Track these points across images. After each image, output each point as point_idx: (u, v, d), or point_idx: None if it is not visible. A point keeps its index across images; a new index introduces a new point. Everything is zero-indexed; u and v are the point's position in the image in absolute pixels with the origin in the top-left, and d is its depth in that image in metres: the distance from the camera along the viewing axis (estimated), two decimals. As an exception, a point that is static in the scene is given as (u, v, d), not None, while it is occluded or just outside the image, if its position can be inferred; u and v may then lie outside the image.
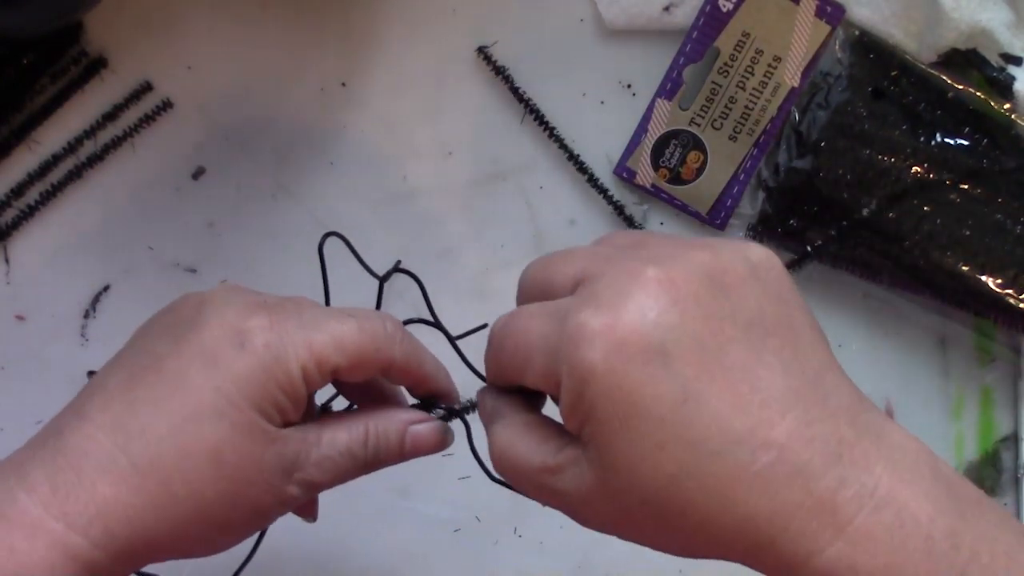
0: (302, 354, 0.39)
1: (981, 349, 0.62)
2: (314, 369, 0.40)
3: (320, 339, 0.40)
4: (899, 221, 0.59)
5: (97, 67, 0.59)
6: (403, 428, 0.42)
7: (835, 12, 0.60)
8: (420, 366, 0.43)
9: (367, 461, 0.42)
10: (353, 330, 0.41)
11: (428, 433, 0.43)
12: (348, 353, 0.40)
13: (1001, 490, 0.63)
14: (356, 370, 0.41)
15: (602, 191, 0.61)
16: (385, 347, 0.41)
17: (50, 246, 0.59)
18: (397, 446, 0.42)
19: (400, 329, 0.43)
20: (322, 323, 0.41)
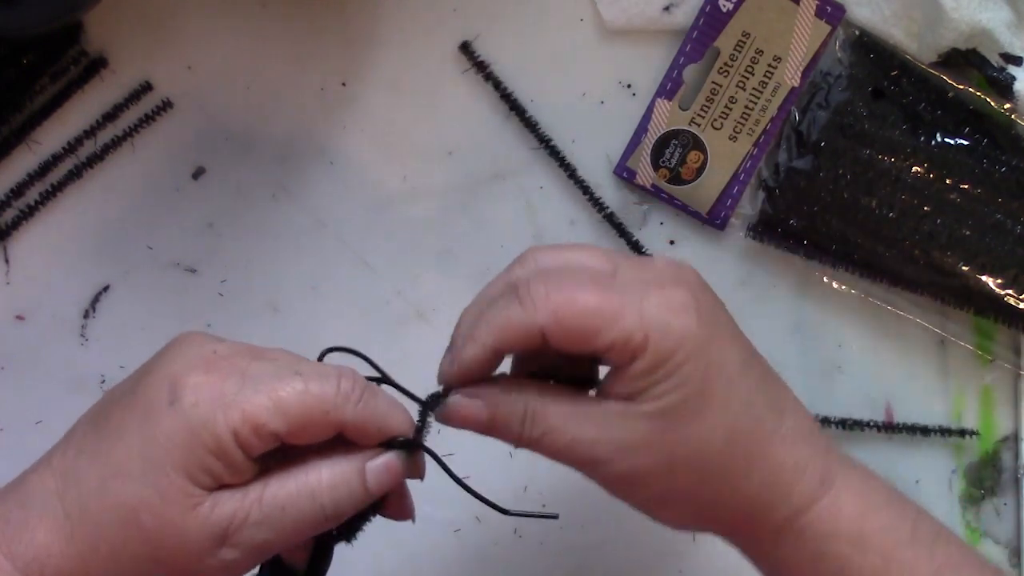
0: (233, 418, 0.37)
1: (981, 349, 0.62)
2: (249, 434, 0.38)
3: (256, 402, 0.38)
4: (899, 221, 0.59)
5: (97, 67, 0.59)
6: (359, 468, 0.40)
7: (835, 12, 0.60)
8: (380, 429, 0.40)
9: (328, 512, 0.39)
10: (297, 392, 0.38)
11: (387, 467, 0.40)
12: (290, 417, 0.38)
13: (1001, 490, 0.63)
14: (300, 435, 0.39)
15: (594, 199, 0.61)
16: (335, 410, 0.39)
17: (50, 246, 0.59)
18: (361, 490, 0.40)
19: (357, 387, 0.40)
20: (264, 384, 0.38)
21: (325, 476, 0.39)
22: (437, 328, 0.61)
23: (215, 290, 0.60)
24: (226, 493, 0.38)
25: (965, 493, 0.63)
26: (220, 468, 0.38)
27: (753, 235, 0.61)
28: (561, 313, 0.39)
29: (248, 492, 0.39)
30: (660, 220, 0.62)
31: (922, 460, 0.63)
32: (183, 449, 0.37)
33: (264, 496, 0.39)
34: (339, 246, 0.61)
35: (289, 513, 0.39)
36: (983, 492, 0.63)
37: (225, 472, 0.38)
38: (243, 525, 0.38)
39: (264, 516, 0.38)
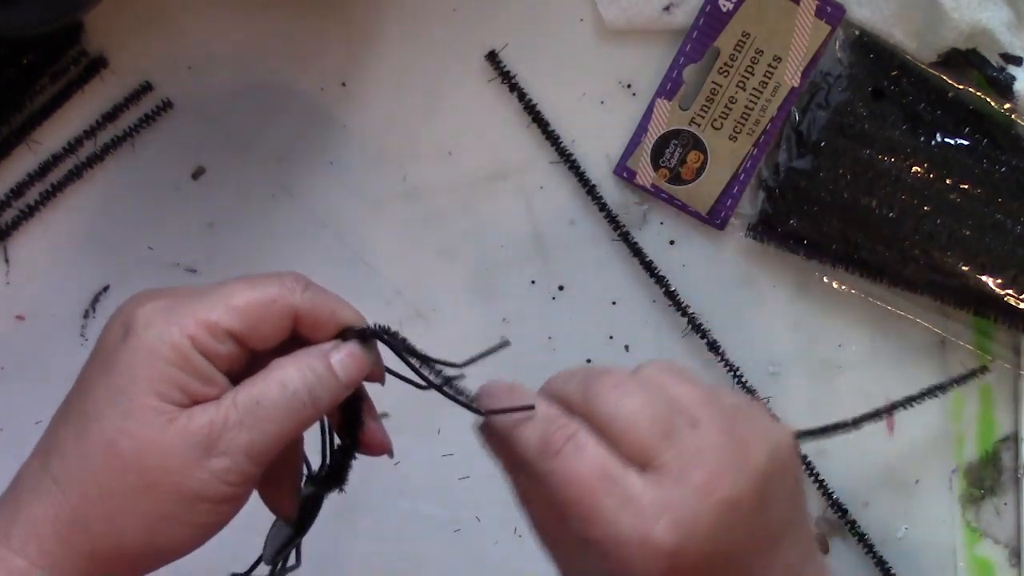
0: (187, 324, 0.38)
1: (981, 349, 0.62)
2: (205, 336, 0.38)
3: (205, 306, 0.39)
4: (899, 221, 0.59)
5: (97, 67, 0.59)
6: (323, 356, 0.41)
7: (835, 12, 0.60)
8: (332, 313, 0.41)
9: (305, 401, 0.39)
10: (242, 288, 0.40)
11: (351, 356, 0.41)
12: (240, 312, 0.39)
13: (1001, 490, 0.63)
14: (256, 329, 0.39)
15: (597, 199, 0.61)
16: (282, 298, 0.40)
17: (50, 246, 0.59)
18: (330, 376, 0.40)
19: (301, 281, 0.41)
20: (213, 292, 0.40)
21: (290, 366, 0.40)
22: (437, 328, 0.61)
23: (215, 290, 0.60)
24: (201, 406, 0.39)
25: (965, 493, 0.63)
26: (186, 379, 0.38)
27: (753, 235, 0.61)
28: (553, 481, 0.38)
29: (222, 400, 0.39)
30: (660, 220, 0.62)
31: (922, 460, 0.63)
32: (145, 369, 0.38)
33: (237, 397, 0.39)
34: (339, 246, 0.61)
35: (265, 407, 0.39)
36: (983, 492, 0.63)
37: (193, 382, 0.38)
38: (224, 429, 0.38)
39: (242, 415, 0.38)
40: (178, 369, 0.38)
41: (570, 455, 0.38)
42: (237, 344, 0.39)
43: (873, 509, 0.63)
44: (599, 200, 0.61)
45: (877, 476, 0.63)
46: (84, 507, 0.38)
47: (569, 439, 0.38)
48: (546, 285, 0.62)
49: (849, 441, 0.63)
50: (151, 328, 0.38)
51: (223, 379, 0.39)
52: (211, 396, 0.39)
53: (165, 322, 0.38)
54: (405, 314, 0.61)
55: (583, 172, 0.61)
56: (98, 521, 0.38)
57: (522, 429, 0.40)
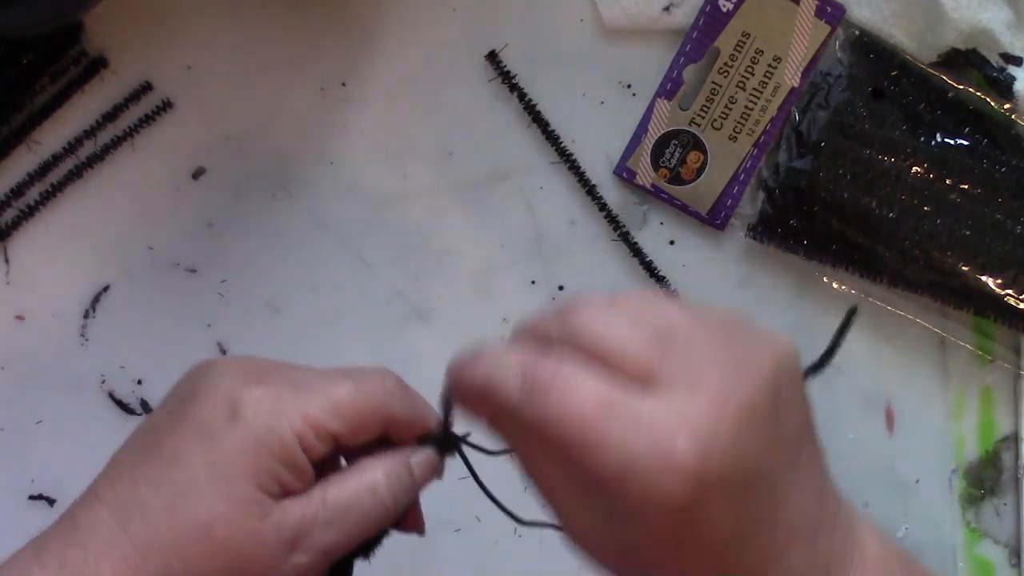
0: (297, 422, 0.38)
1: (981, 349, 0.62)
2: (311, 436, 0.39)
3: (315, 405, 0.39)
4: (899, 221, 0.59)
5: (97, 67, 0.59)
6: (406, 462, 0.41)
7: (835, 12, 0.60)
8: (421, 422, 0.42)
9: (387, 505, 0.40)
10: (350, 393, 0.40)
11: (428, 462, 0.42)
12: (346, 418, 0.39)
13: (1001, 490, 0.63)
14: (356, 434, 0.40)
15: (597, 199, 0.61)
16: (384, 408, 0.40)
17: (50, 246, 0.59)
18: (409, 481, 0.41)
19: (399, 385, 0.42)
20: (317, 387, 0.40)
21: (381, 472, 0.40)
22: (437, 328, 0.61)
23: (215, 290, 0.60)
24: (291, 500, 0.39)
25: (965, 493, 0.63)
26: (287, 474, 0.39)
27: (753, 235, 0.61)
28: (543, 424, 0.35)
29: (311, 496, 0.39)
30: (660, 220, 0.62)
31: (922, 460, 0.63)
32: (252, 458, 0.38)
33: (327, 498, 0.39)
34: (339, 246, 0.61)
35: (353, 511, 0.40)
36: (983, 492, 0.63)
37: (291, 478, 0.39)
38: (311, 528, 0.39)
39: (330, 517, 0.39)
40: (281, 464, 0.38)
41: (559, 390, 0.34)
42: (335, 443, 0.40)
43: (873, 509, 0.63)
44: (599, 200, 0.61)
45: (877, 476, 0.63)
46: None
47: (554, 374, 0.35)
48: (546, 285, 0.62)
49: (849, 441, 0.63)
50: (260, 418, 0.38)
51: (311, 472, 0.40)
52: (300, 489, 0.39)
53: (274, 413, 0.38)
54: (405, 314, 0.61)
55: (583, 172, 0.61)
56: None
57: (498, 380, 0.36)
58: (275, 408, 0.39)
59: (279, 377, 0.40)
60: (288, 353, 0.45)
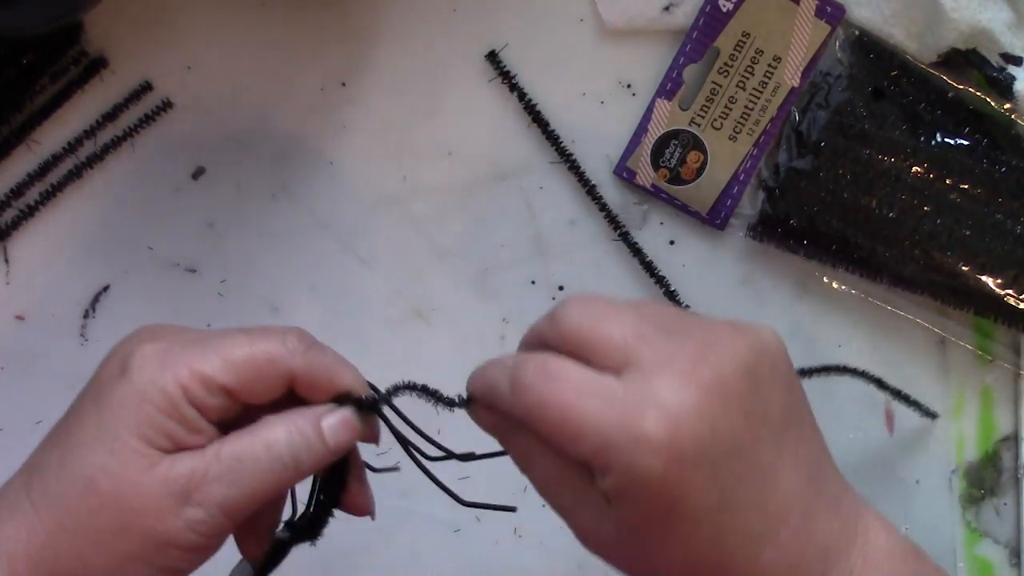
0: (181, 374, 0.38)
1: (981, 349, 0.62)
2: (198, 388, 0.38)
3: (203, 358, 0.39)
4: (899, 221, 0.59)
5: (97, 67, 0.59)
6: (314, 421, 0.40)
7: (835, 12, 0.60)
8: (329, 379, 0.41)
9: (287, 464, 0.39)
10: (242, 344, 0.39)
11: (344, 423, 0.41)
12: (236, 367, 0.39)
13: (1001, 490, 0.63)
14: (251, 386, 0.39)
15: (597, 199, 0.61)
16: (281, 359, 0.40)
17: (50, 246, 0.59)
18: (318, 442, 0.40)
19: (304, 340, 0.41)
20: (212, 343, 0.39)
21: (280, 427, 0.40)
22: (437, 328, 0.61)
23: (215, 290, 0.60)
24: (184, 453, 0.39)
25: (965, 493, 0.63)
26: (174, 427, 0.38)
27: (753, 235, 0.61)
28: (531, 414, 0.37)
29: (206, 451, 0.39)
30: (660, 220, 0.62)
31: (922, 460, 0.63)
32: (134, 411, 0.38)
33: (221, 451, 0.39)
34: (339, 246, 0.61)
35: (247, 465, 0.39)
36: (983, 492, 0.63)
37: (180, 431, 0.38)
38: (203, 481, 0.38)
39: (223, 470, 0.39)
40: (166, 416, 0.38)
41: (541, 382, 0.37)
42: (229, 397, 0.39)
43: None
44: (599, 200, 0.61)
45: (877, 476, 0.63)
46: (56, 536, 0.38)
47: (536, 367, 0.37)
48: (546, 285, 0.62)
49: (849, 441, 0.63)
50: (145, 371, 0.38)
51: (210, 428, 0.39)
52: (197, 445, 0.39)
53: (160, 367, 0.38)
54: (405, 314, 0.61)
55: (583, 172, 0.61)
56: (67, 552, 0.38)
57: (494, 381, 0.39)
58: (161, 361, 0.38)
59: (177, 336, 0.40)
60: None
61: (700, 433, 0.36)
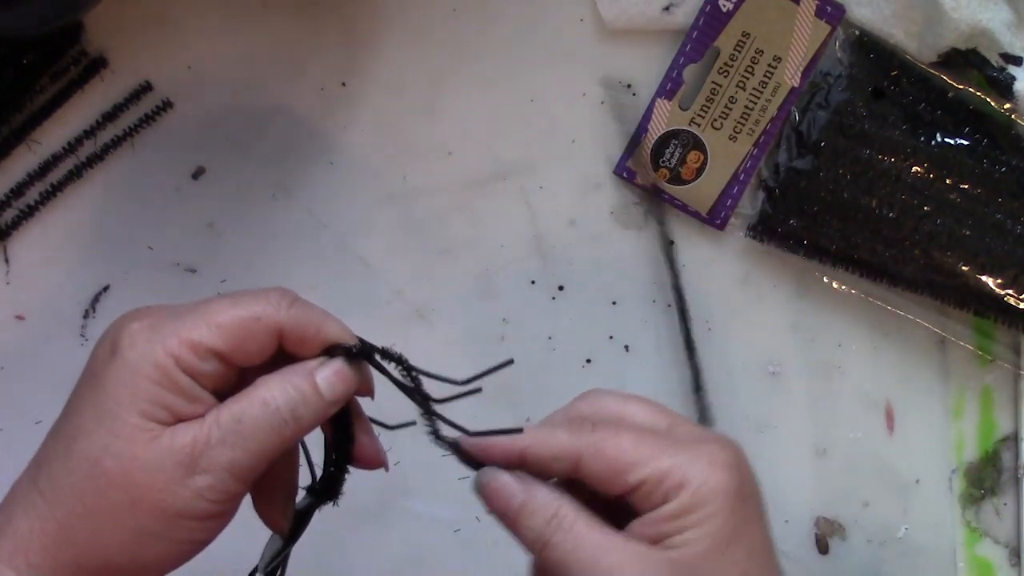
0: (170, 343, 0.38)
1: (981, 349, 0.62)
2: (188, 355, 0.38)
3: (189, 324, 0.39)
4: (899, 221, 0.59)
5: (97, 67, 0.59)
6: (308, 375, 0.40)
7: (835, 12, 0.60)
8: (318, 330, 0.41)
9: (287, 419, 0.40)
10: (227, 308, 0.40)
11: (337, 374, 0.41)
12: (223, 330, 0.39)
13: (1001, 490, 0.63)
14: (241, 346, 0.39)
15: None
16: (266, 315, 0.40)
17: (50, 246, 0.59)
18: (314, 395, 0.40)
19: (287, 296, 0.41)
20: (197, 311, 0.40)
21: (274, 384, 0.40)
22: (437, 328, 0.61)
23: (215, 290, 0.60)
24: (184, 424, 0.39)
25: (965, 493, 0.63)
26: (170, 398, 0.39)
27: (753, 235, 0.61)
28: (602, 445, 0.40)
29: (206, 418, 0.39)
30: (660, 220, 0.62)
31: (922, 460, 0.63)
32: (129, 387, 0.38)
33: (220, 416, 0.39)
34: (339, 246, 0.61)
35: (247, 424, 0.39)
36: (983, 492, 0.63)
37: (177, 401, 0.39)
38: (206, 447, 0.38)
39: (224, 433, 0.39)
40: (161, 388, 0.38)
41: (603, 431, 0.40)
42: (221, 362, 0.40)
43: (873, 509, 0.63)
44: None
45: (877, 476, 0.63)
46: (70, 522, 0.38)
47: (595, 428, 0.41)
48: (546, 285, 0.62)
49: (849, 441, 0.63)
50: (135, 347, 0.39)
51: (208, 397, 0.39)
52: (196, 414, 0.39)
53: (148, 341, 0.39)
54: (405, 314, 0.61)
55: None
56: (83, 536, 0.38)
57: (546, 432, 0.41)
58: (149, 336, 0.39)
59: (163, 311, 0.40)
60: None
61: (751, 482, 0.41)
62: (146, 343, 0.39)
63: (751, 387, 0.62)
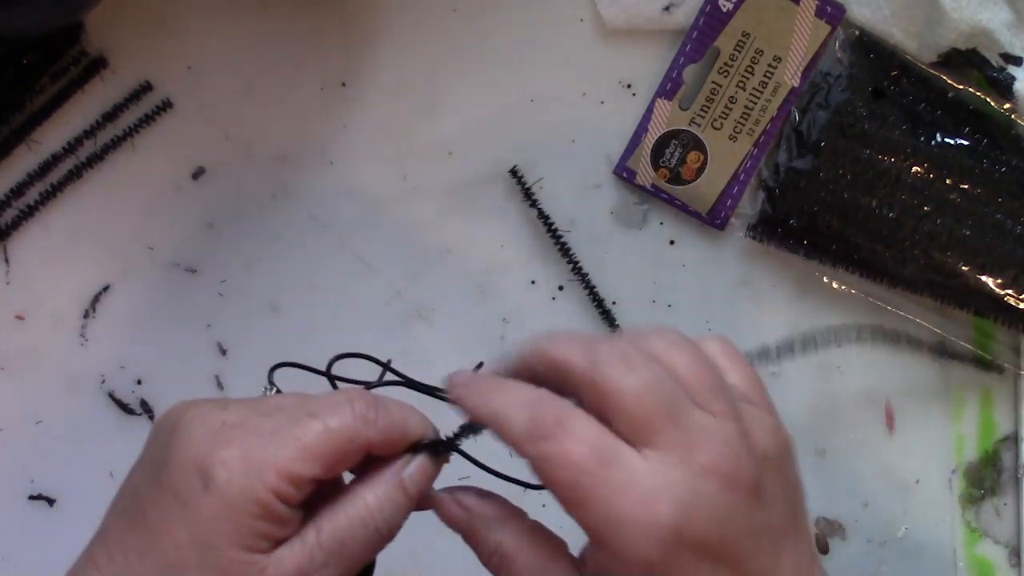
0: (270, 479, 0.38)
1: (981, 349, 0.62)
2: (288, 488, 0.38)
3: (286, 456, 0.38)
4: (899, 221, 0.59)
5: (97, 67, 0.59)
6: (399, 482, 0.40)
7: (835, 12, 0.60)
8: (402, 435, 0.41)
9: (381, 532, 0.40)
10: (318, 434, 0.39)
11: (421, 470, 0.41)
12: (320, 458, 0.39)
13: (1001, 490, 0.63)
14: (335, 469, 0.39)
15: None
16: (359, 436, 0.39)
17: (50, 246, 0.59)
18: (404, 499, 0.40)
19: (372, 407, 0.40)
20: (286, 435, 0.39)
21: (371, 500, 0.40)
22: (437, 328, 0.61)
23: (215, 290, 0.60)
24: (284, 548, 0.38)
25: (965, 493, 0.63)
26: (272, 528, 0.38)
27: (753, 235, 0.61)
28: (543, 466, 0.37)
29: (305, 540, 0.39)
30: (660, 220, 0.62)
31: (922, 460, 0.63)
32: (232, 524, 0.37)
33: (321, 538, 0.39)
34: (339, 246, 0.61)
35: (349, 546, 0.39)
36: (983, 492, 0.63)
37: (277, 529, 0.38)
38: (310, 571, 0.38)
39: (327, 556, 0.39)
40: (263, 522, 0.38)
41: (561, 437, 0.37)
42: (315, 484, 0.39)
43: (873, 509, 0.63)
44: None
45: (877, 476, 0.63)
46: None
47: (558, 419, 0.37)
48: (546, 285, 0.62)
49: (849, 441, 0.63)
50: (233, 483, 0.38)
51: (299, 515, 0.39)
52: (290, 533, 0.39)
53: (246, 476, 0.38)
54: (405, 314, 0.61)
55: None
56: None
57: (509, 413, 0.39)
58: (246, 469, 0.38)
59: (245, 432, 0.39)
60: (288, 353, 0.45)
61: (707, 533, 0.36)
62: (244, 478, 0.38)
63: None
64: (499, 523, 0.41)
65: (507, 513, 0.42)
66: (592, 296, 0.61)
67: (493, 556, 0.41)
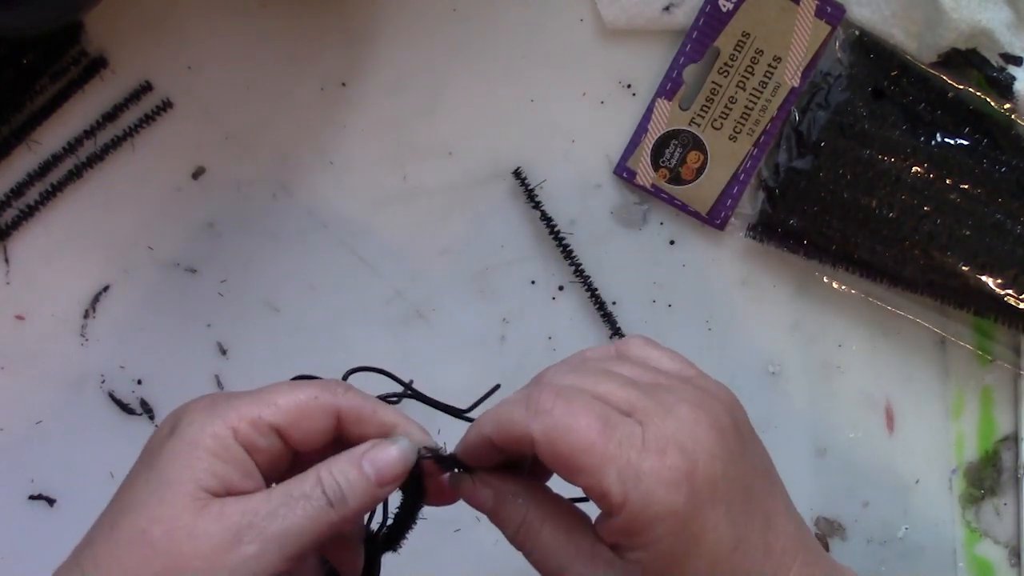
0: (230, 417, 0.39)
1: (981, 349, 0.62)
2: (247, 429, 0.39)
3: (248, 402, 0.40)
4: (899, 221, 0.59)
5: (97, 67, 0.59)
6: (354, 458, 0.41)
7: (835, 12, 0.60)
8: (374, 412, 0.42)
9: (333, 501, 0.40)
10: (285, 389, 0.41)
11: (385, 453, 0.41)
12: (283, 408, 0.40)
13: (1001, 490, 0.63)
14: (299, 424, 0.40)
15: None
16: (324, 396, 0.41)
17: (50, 246, 0.59)
18: (358, 476, 0.40)
19: (343, 385, 0.42)
20: (258, 393, 0.41)
21: (323, 472, 0.40)
22: (437, 328, 0.61)
23: (215, 290, 0.60)
24: (234, 498, 0.39)
25: (965, 493, 0.63)
26: (225, 469, 0.39)
27: (753, 235, 0.61)
28: (551, 437, 0.39)
29: (256, 494, 0.39)
30: (660, 220, 0.62)
31: (922, 460, 0.63)
32: (185, 460, 0.39)
33: (272, 491, 0.39)
34: (339, 246, 0.61)
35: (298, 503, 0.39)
36: (983, 492, 0.63)
37: (231, 473, 0.39)
38: (256, 521, 0.39)
39: (274, 507, 0.39)
40: (217, 459, 0.39)
41: (564, 407, 0.38)
42: (279, 439, 0.40)
43: (873, 509, 0.63)
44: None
45: (877, 476, 0.63)
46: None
47: (557, 396, 0.39)
48: (546, 285, 0.62)
49: (849, 441, 0.63)
50: (194, 423, 0.39)
51: (261, 477, 0.40)
52: (247, 489, 0.39)
53: (208, 415, 0.40)
54: (405, 314, 0.61)
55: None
56: None
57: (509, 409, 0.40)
58: (209, 411, 0.40)
59: (223, 394, 0.41)
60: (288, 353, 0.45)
61: (714, 472, 0.38)
62: (206, 417, 0.39)
63: (751, 387, 0.62)
64: (524, 495, 0.42)
65: (529, 486, 0.43)
66: (592, 296, 0.61)
67: (520, 531, 0.42)
